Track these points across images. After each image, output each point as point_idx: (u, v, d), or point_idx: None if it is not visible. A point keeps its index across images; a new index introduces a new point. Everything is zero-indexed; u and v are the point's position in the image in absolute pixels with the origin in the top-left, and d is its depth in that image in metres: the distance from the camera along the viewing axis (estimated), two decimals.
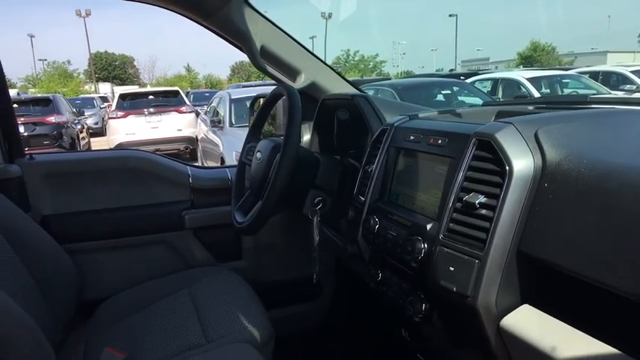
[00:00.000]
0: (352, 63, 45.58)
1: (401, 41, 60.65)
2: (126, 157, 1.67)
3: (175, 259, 1.66)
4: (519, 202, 0.71)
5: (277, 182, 1.13)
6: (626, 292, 0.58)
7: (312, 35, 41.06)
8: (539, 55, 40.04)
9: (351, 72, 41.74)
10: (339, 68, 45.68)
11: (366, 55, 46.62)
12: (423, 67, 53.46)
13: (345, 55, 46.38)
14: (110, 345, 1.13)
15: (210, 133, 6.56)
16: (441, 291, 0.79)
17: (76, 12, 34.25)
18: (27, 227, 1.34)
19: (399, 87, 8.09)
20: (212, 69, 44.25)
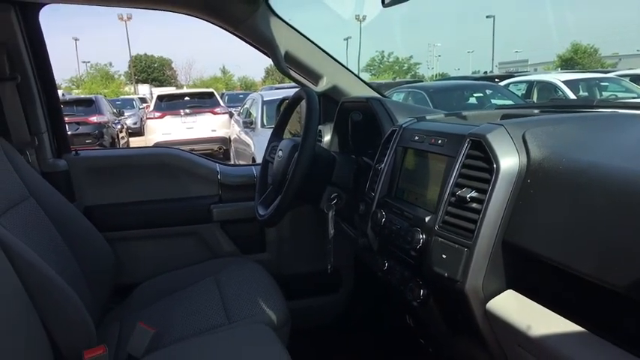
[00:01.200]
0: (386, 65, 45.39)
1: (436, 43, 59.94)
2: (160, 154, 1.81)
3: (203, 249, 1.79)
4: (505, 197, 0.79)
5: (295, 178, 1.23)
6: (593, 278, 0.65)
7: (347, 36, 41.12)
8: (580, 57, 38.84)
9: (385, 74, 41.59)
10: (373, 70, 45.54)
11: (400, 56, 46.34)
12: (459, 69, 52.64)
13: (380, 57, 46.25)
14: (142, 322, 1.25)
15: (243, 134, 6.73)
16: (435, 276, 0.87)
17: (118, 16, 35.47)
18: (73, 216, 1.48)
19: (431, 90, 8.06)
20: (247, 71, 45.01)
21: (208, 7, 1.50)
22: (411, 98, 8.02)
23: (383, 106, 1.36)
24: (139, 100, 19.31)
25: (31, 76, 1.56)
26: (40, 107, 1.61)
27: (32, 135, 1.58)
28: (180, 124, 9.09)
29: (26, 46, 1.54)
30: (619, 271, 0.61)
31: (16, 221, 1.22)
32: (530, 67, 45.23)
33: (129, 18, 35.41)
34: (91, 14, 78.53)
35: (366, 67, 46.01)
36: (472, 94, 8.20)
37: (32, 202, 1.37)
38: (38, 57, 1.59)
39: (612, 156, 0.74)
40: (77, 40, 39.78)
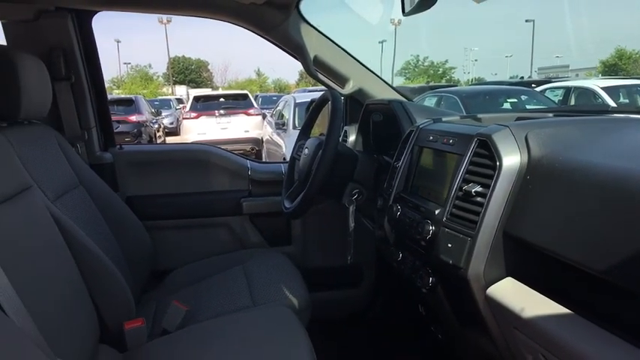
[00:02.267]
0: (421, 69, 45.07)
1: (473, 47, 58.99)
2: (196, 150, 1.94)
3: (233, 240, 1.91)
4: (506, 192, 0.86)
5: (318, 174, 1.32)
6: (582, 266, 0.71)
7: (382, 40, 41.04)
8: (624, 63, 37.51)
9: (419, 77, 41.28)
10: (407, 74, 45.27)
11: (435, 61, 45.92)
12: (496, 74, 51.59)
13: (415, 61, 45.96)
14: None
15: (275, 135, 6.89)
16: (441, 264, 0.95)
17: (159, 19, 36.43)
18: (116, 205, 1.62)
19: (464, 94, 8.01)
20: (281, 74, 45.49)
21: (243, 14, 1.61)
22: (444, 102, 7.99)
23: (403, 108, 1.44)
24: (176, 101, 19.71)
25: (83, 76, 1.71)
26: (90, 105, 1.76)
27: (83, 130, 1.73)
28: (214, 124, 9.34)
29: (80, 50, 1.69)
30: (604, 259, 0.67)
31: (68, 206, 1.35)
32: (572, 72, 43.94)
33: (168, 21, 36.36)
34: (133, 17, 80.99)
35: (401, 71, 45.83)
36: (506, 100, 8.09)
37: (82, 190, 1.51)
38: (90, 59, 1.75)
39: (606, 156, 0.80)
40: (119, 42, 41.13)
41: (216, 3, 1.56)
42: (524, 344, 0.82)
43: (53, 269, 1.07)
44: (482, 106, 7.25)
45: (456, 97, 7.83)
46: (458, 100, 7.62)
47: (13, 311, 0.81)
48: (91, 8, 1.66)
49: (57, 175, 1.38)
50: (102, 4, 1.62)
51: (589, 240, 0.70)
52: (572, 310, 0.75)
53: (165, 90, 37.28)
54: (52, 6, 1.58)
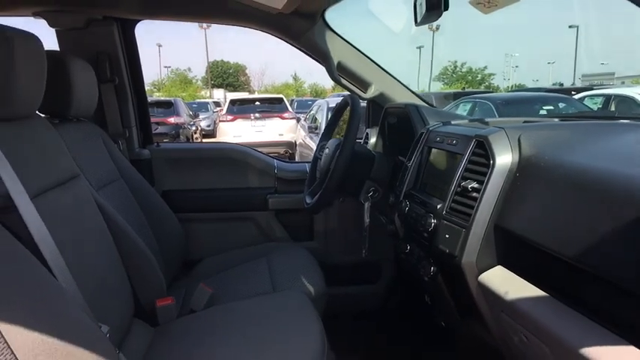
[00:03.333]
0: (459, 74, 44.50)
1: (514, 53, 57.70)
2: (226, 149, 2.08)
3: (259, 234, 2.03)
4: (498, 188, 0.94)
5: (335, 172, 1.42)
6: (560, 254, 0.79)
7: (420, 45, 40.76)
8: None
9: (457, 83, 40.76)
10: (445, 79, 44.76)
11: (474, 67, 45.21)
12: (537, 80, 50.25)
13: (452, 67, 45.44)
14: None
15: (308, 139, 7.02)
16: (440, 253, 1.04)
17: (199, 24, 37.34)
18: (152, 198, 1.77)
19: (498, 101, 7.92)
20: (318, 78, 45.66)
21: (272, 22, 1.74)
22: (478, 109, 7.94)
23: (418, 112, 1.53)
24: (214, 104, 20.05)
25: (125, 79, 1.88)
26: (132, 105, 1.92)
27: (124, 128, 1.89)
28: (250, 127, 9.55)
29: (123, 55, 1.86)
30: (573, 246, 0.75)
31: (109, 196, 1.50)
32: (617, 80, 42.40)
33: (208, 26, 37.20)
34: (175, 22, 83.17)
35: (439, 77, 45.34)
36: (542, 107, 7.96)
37: (122, 183, 1.67)
38: (132, 63, 1.91)
39: (588, 156, 0.87)
40: (161, 47, 42.43)
41: (247, 12, 1.69)
42: (510, 326, 0.90)
43: (96, 249, 1.21)
44: (516, 113, 7.16)
45: (490, 103, 7.76)
46: (492, 107, 7.55)
47: (63, 279, 0.95)
48: (134, 17, 1.82)
49: (101, 167, 1.54)
50: (144, 14, 1.78)
51: (562, 230, 0.78)
52: (553, 295, 0.82)
53: (204, 93, 38.12)
54: (100, 15, 1.75)
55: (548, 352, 0.78)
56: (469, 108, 8.24)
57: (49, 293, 0.83)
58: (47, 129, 1.19)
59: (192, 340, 1.18)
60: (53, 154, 1.16)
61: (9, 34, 0.97)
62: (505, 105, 7.67)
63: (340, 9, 1.87)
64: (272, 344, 1.11)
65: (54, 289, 0.85)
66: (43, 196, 1.05)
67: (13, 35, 0.98)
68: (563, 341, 0.72)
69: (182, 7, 1.72)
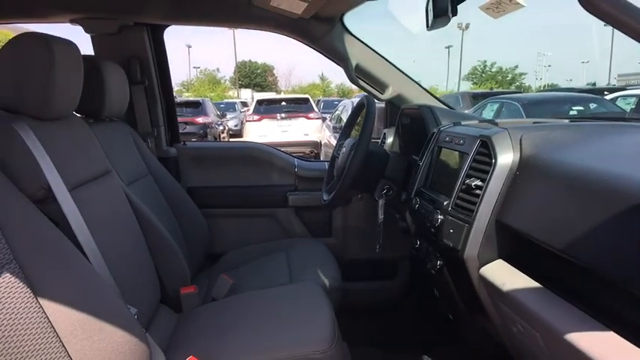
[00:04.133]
0: (489, 74, 43.81)
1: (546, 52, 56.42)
2: (248, 148, 2.17)
3: (279, 229, 2.11)
4: (499, 185, 0.99)
5: (350, 170, 1.49)
6: (552, 247, 0.83)
7: (448, 45, 40.32)
8: None
9: (487, 83, 40.15)
10: (474, 79, 44.18)
11: (504, 66, 44.41)
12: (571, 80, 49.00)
13: (482, 66, 44.77)
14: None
15: (332, 139, 7.08)
16: (444, 247, 1.09)
17: None
18: (178, 193, 1.87)
19: (525, 101, 7.81)
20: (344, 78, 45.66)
21: (292, 26, 1.81)
22: (505, 109, 7.85)
23: (431, 112, 1.58)
24: (241, 104, 20.15)
25: (155, 81, 1.99)
26: (160, 105, 2.03)
27: (153, 127, 2.00)
28: (276, 127, 9.66)
29: (153, 58, 1.97)
30: (565, 239, 0.79)
31: (138, 191, 1.60)
32: None
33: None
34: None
35: (468, 76, 44.75)
36: (572, 108, 7.80)
37: (150, 179, 1.77)
38: (161, 66, 2.02)
39: (586, 156, 0.91)
40: (190, 47, 43.09)
41: (268, 17, 1.76)
42: (508, 316, 0.95)
43: (126, 238, 1.31)
44: (544, 114, 7.05)
45: (517, 104, 7.65)
46: (519, 107, 7.46)
47: (96, 264, 1.05)
48: (163, 23, 1.92)
49: (131, 164, 1.64)
50: (172, 20, 1.88)
51: (558, 226, 0.83)
52: (549, 287, 0.87)
53: (232, 93, 38.58)
54: (131, 21, 1.86)
55: (539, 338, 0.83)
56: (496, 108, 8.15)
57: (85, 276, 0.93)
58: (83, 128, 1.29)
59: (212, 325, 1.26)
60: (88, 151, 1.27)
61: (50, 42, 1.07)
62: (533, 105, 7.55)
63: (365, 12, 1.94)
64: (284, 331, 1.18)
65: (89, 272, 0.94)
66: (79, 189, 1.15)
67: (53, 43, 1.08)
68: (551, 327, 0.77)
69: (208, 13, 1.82)
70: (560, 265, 0.85)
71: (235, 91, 39.50)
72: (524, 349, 0.97)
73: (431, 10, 1.19)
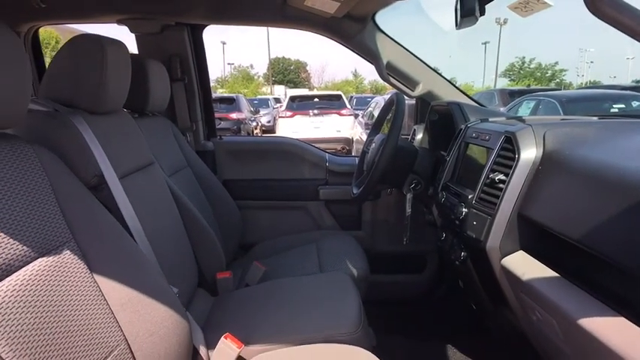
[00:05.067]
0: (527, 71, 42.74)
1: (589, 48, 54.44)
2: (281, 143, 2.24)
3: (310, 222, 2.18)
4: (522, 179, 1.03)
5: (379, 164, 1.54)
6: (569, 237, 0.87)
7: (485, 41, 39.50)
8: None
9: (525, 80, 39.20)
10: (512, 76, 43.19)
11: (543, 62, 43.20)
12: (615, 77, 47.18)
13: (520, 63, 43.72)
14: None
15: (364, 135, 7.11)
16: (468, 238, 1.14)
17: None
18: (215, 185, 1.96)
19: (564, 99, 7.62)
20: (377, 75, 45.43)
21: (325, 25, 1.87)
22: (542, 107, 7.69)
23: (460, 109, 1.62)
24: (274, 100, 20.28)
25: (194, 78, 2.09)
26: (198, 101, 2.13)
27: (191, 122, 2.11)
28: (308, 123, 9.74)
29: (192, 56, 2.07)
30: (582, 230, 0.83)
31: (178, 182, 1.70)
32: None
33: None
34: None
35: (505, 73, 43.78)
36: (612, 105, 7.57)
37: (189, 171, 1.87)
38: (200, 64, 2.12)
39: (606, 152, 0.94)
40: (225, 44, 43.67)
41: (302, 16, 1.83)
42: (528, 305, 0.99)
43: (167, 225, 1.41)
44: (584, 112, 6.87)
45: (555, 101, 7.48)
46: (557, 105, 7.29)
47: (142, 246, 1.14)
48: (202, 22, 2.02)
49: (171, 156, 1.75)
50: (211, 20, 1.97)
51: (578, 219, 0.86)
52: (567, 277, 0.91)
53: (265, 90, 38.93)
54: (173, 22, 1.96)
55: (555, 324, 0.87)
56: (532, 106, 7.99)
57: (133, 256, 1.02)
58: (130, 122, 1.39)
59: (246, 308, 1.34)
60: (135, 143, 1.37)
61: (103, 43, 1.16)
62: (571, 103, 7.36)
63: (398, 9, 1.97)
64: (313, 314, 1.25)
65: (137, 253, 1.04)
66: (127, 178, 1.25)
67: (106, 43, 1.17)
68: (566, 314, 0.81)
69: (245, 13, 1.90)
70: (577, 256, 0.89)
71: (268, 87, 39.85)
72: (544, 337, 1.00)
73: (459, 9, 1.23)
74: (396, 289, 2.17)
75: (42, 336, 0.76)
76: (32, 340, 0.74)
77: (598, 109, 7.27)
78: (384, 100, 7.12)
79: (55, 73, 1.16)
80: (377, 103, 7.64)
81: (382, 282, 2.11)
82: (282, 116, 10.30)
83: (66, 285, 0.85)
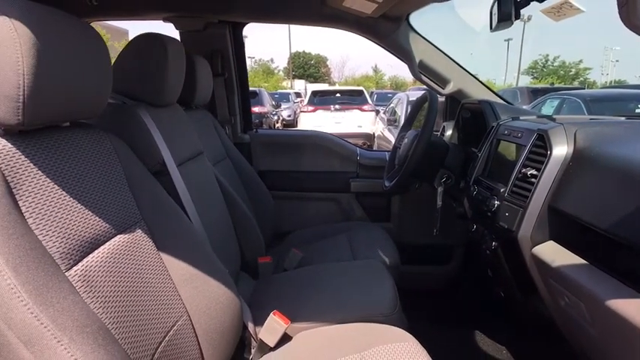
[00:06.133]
0: (550, 69, 42.07)
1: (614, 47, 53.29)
2: (314, 136, 2.34)
3: (341, 213, 2.28)
4: (553, 174, 1.10)
5: (412, 159, 1.62)
6: (600, 229, 0.94)
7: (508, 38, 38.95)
8: None
9: (548, 78, 38.63)
10: (534, 74, 42.57)
11: (567, 61, 42.45)
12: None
13: (543, 60, 43.05)
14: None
15: (386, 131, 7.17)
16: (500, 229, 1.22)
17: None
18: (251, 176, 2.07)
19: (588, 98, 7.55)
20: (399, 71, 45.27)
21: (361, 25, 1.95)
22: (566, 106, 7.63)
23: (491, 107, 1.69)
24: (295, 95, 20.40)
25: (233, 73, 2.19)
26: (237, 96, 2.24)
27: (230, 115, 2.21)
28: (330, 118, 9.82)
29: (232, 53, 2.17)
30: (610, 220, 0.90)
31: (220, 171, 1.81)
32: None
33: None
34: None
35: (528, 70, 43.15)
36: (638, 105, 7.48)
37: (228, 161, 1.98)
38: (239, 60, 2.22)
39: (634, 150, 1.01)
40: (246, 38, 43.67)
41: (339, 16, 1.92)
42: (557, 290, 1.06)
43: (215, 211, 1.51)
44: (609, 112, 6.81)
45: (579, 100, 7.41)
46: (581, 104, 7.22)
47: (197, 228, 1.25)
48: (243, 20, 2.12)
49: (213, 147, 1.85)
50: (251, 18, 2.07)
51: (607, 210, 0.94)
52: (594, 264, 0.98)
53: (285, 84, 39.11)
54: (216, 19, 2.07)
55: (583, 308, 0.94)
56: (556, 105, 7.93)
57: (192, 236, 1.12)
58: (183, 114, 1.50)
59: (288, 289, 1.44)
60: (188, 134, 1.47)
61: (164, 41, 1.27)
62: (596, 102, 7.28)
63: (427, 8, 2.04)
64: (352, 296, 1.34)
65: (194, 234, 1.14)
66: (182, 165, 1.36)
67: (166, 40, 1.28)
68: (594, 297, 0.89)
69: (284, 13, 1.99)
70: (605, 245, 0.96)
71: (289, 81, 39.99)
72: (571, 321, 1.08)
73: (495, 13, 1.30)
74: (422, 279, 2.26)
75: (123, 302, 0.87)
76: (117, 304, 0.85)
77: (623, 110, 7.19)
78: (406, 96, 7.15)
79: (121, 69, 1.27)
80: (399, 99, 7.66)
81: (409, 272, 2.19)
82: (303, 111, 10.40)
83: (138, 260, 0.96)
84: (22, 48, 0.68)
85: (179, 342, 1.00)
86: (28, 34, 0.69)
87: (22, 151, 0.76)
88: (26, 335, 0.64)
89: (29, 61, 0.69)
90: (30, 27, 0.69)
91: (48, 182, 0.79)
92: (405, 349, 1.08)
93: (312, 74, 49.87)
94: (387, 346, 1.09)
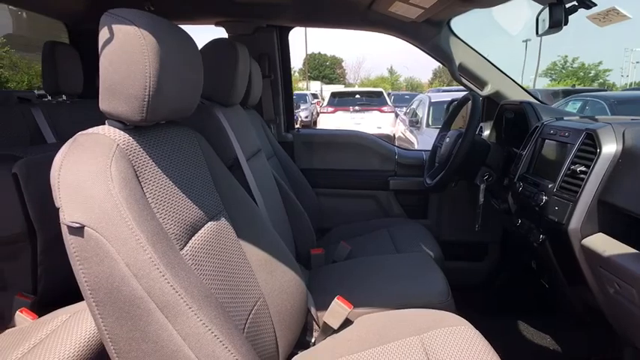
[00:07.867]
0: (569, 70, 41.55)
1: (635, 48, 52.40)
2: (354, 136, 2.44)
3: (380, 210, 2.37)
4: (602, 170, 1.18)
5: (457, 157, 1.71)
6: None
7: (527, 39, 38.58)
8: None
9: (567, 79, 38.16)
10: (554, 75, 42.08)
11: (587, 62, 41.86)
12: None
13: (562, 62, 42.53)
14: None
15: (407, 132, 7.21)
16: (549, 222, 1.30)
17: None
18: (295, 173, 2.17)
19: (612, 99, 7.51)
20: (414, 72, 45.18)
21: (405, 30, 2.05)
22: (589, 108, 7.61)
23: (532, 108, 1.76)
24: (312, 96, 20.47)
25: (279, 75, 2.30)
26: (281, 97, 2.34)
27: (275, 115, 2.32)
28: (349, 119, 9.91)
29: (278, 55, 2.28)
30: None
31: (272, 166, 1.91)
32: None
33: None
34: None
35: (546, 72, 42.66)
36: None
37: (275, 159, 2.08)
38: (284, 63, 2.33)
39: None
40: None
41: (384, 21, 2.01)
42: (606, 278, 1.14)
43: (274, 203, 1.62)
44: (633, 114, 6.78)
45: (603, 102, 7.37)
46: (605, 106, 7.19)
47: (266, 218, 1.35)
48: (290, 25, 2.23)
49: (263, 146, 1.96)
50: (298, 22, 2.18)
51: None
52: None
53: (301, 85, 39.23)
54: (264, 24, 2.18)
55: (635, 293, 1.02)
56: (579, 106, 7.90)
57: (263, 226, 1.23)
58: (244, 113, 1.61)
59: (344, 278, 1.54)
60: (250, 132, 1.58)
61: (235, 46, 1.38)
62: (621, 104, 7.24)
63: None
64: (407, 284, 1.43)
65: (265, 223, 1.24)
66: (249, 160, 1.46)
67: (236, 44, 1.39)
68: None
69: (330, 18, 2.09)
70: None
71: (304, 82, 40.11)
72: (620, 309, 1.15)
73: (545, 20, 1.38)
74: (458, 275, 2.33)
75: (219, 280, 0.97)
76: (215, 280, 0.95)
77: None
78: (428, 98, 7.19)
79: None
80: (420, 100, 7.70)
81: (448, 268, 2.27)
82: (323, 112, 10.50)
83: (224, 246, 1.06)
84: (149, 54, 0.79)
85: (259, 320, 1.10)
86: (153, 42, 0.80)
87: (140, 144, 0.87)
88: (163, 302, 0.74)
89: (154, 65, 0.80)
90: (154, 35, 0.80)
91: (160, 173, 0.90)
92: (462, 332, 1.16)
93: (327, 75, 49.93)
94: (445, 329, 1.17)
